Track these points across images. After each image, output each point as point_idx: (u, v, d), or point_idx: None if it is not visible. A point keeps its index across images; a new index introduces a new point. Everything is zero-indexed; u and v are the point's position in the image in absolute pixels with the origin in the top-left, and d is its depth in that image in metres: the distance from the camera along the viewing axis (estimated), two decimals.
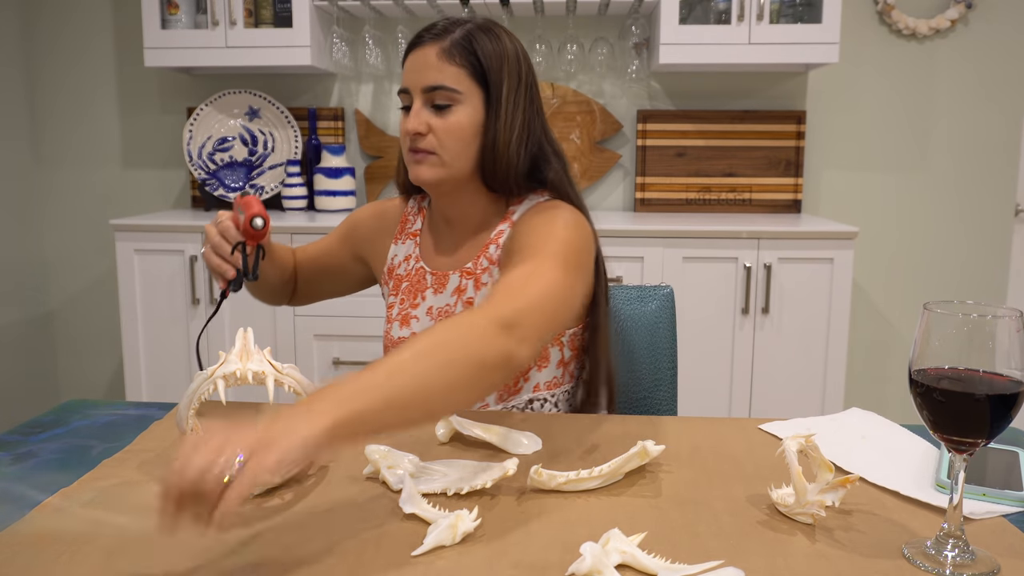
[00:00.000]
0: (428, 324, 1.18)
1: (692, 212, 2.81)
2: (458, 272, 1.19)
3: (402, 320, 1.21)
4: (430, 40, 1.12)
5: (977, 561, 0.71)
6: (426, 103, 1.12)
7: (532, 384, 1.18)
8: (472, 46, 1.11)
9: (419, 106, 1.13)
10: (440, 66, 1.11)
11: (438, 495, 0.84)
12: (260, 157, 2.86)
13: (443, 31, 1.13)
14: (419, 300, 1.21)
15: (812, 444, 0.79)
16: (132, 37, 2.93)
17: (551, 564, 0.71)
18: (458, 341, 0.83)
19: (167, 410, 1.11)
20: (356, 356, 2.49)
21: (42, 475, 0.90)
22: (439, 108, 1.12)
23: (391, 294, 1.26)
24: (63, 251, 3.06)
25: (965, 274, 2.85)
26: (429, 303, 1.20)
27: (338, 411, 0.71)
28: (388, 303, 1.25)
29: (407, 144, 1.14)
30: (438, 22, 1.15)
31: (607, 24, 2.79)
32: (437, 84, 1.11)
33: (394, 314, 1.23)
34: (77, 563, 0.70)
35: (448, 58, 1.11)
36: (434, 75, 1.11)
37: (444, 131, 1.12)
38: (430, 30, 1.14)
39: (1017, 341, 0.68)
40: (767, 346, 2.40)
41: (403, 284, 1.24)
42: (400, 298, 1.23)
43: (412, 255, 1.26)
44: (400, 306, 1.23)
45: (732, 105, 2.82)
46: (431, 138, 1.12)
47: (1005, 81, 2.76)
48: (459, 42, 1.11)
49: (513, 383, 1.16)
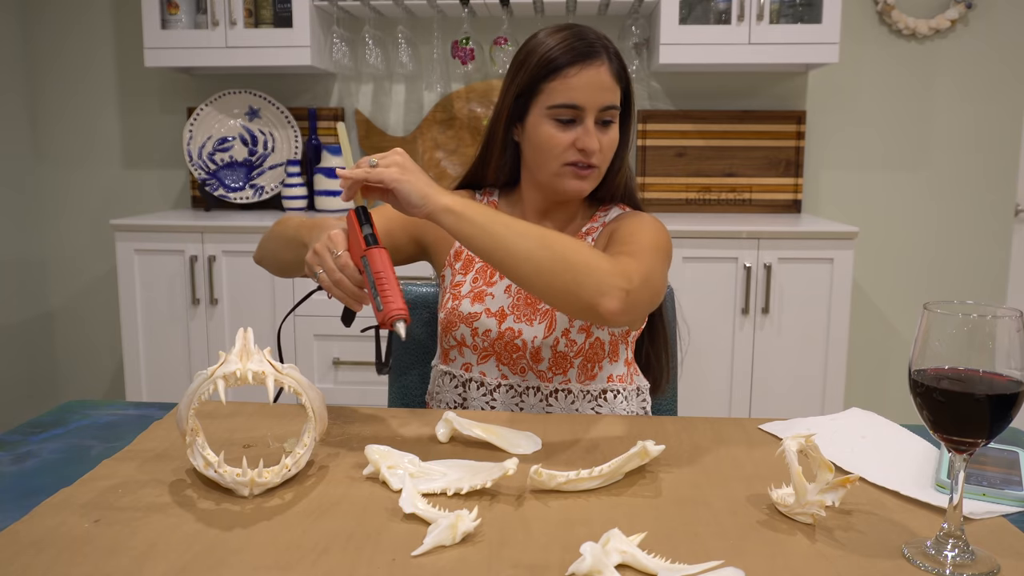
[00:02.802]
0: (505, 300, 1.23)
1: (692, 212, 2.81)
2: None
3: (475, 296, 1.24)
4: (598, 57, 1.16)
5: (977, 561, 0.71)
6: (595, 120, 1.17)
7: (606, 374, 1.24)
8: (623, 66, 1.19)
9: (591, 124, 1.17)
10: (613, 87, 1.17)
11: (438, 495, 0.84)
12: (260, 157, 2.86)
13: (600, 46, 1.17)
14: (496, 278, 1.25)
15: (812, 444, 0.79)
16: (132, 37, 2.93)
17: (551, 564, 0.71)
18: (585, 251, 1.00)
19: (167, 410, 1.11)
20: (356, 356, 2.49)
21: (42, 475, 0.90)
22: (601, 124, 1.18)
23: (458, 274, 1.28)
24: (63, 251, 3.06)
25: (965, 274, 2.85)
26: (508, 281, 1.24)
27: (455, 203, 0.99)
28: (455, 282, 1.27)
29: (568, 158, 1.18)
30: (568, 37, 1.17)
31: (607, 24, 2.78)
32: (612, 104, 1.18)
33: (463, 291, 1.25)
34: (77, 563, 0.70)
35: (617, 79, 1.18)
36: (610, 96, 1.17)
37: (608, 147, 1.19)
38: (575, 46, 1.16)
39: (1017, 341, 0.68)
40: (767, 346, 2.40)
41: (476, 264, 1.27)
42: (473, 276, 1.26)
43: None
44: (472, 284, 1.26)
45: (732, 105, 2.82)
46: (598, 154, 1.18)
47: (1005, 81, 2.76)
48: (616, 61, 1.18)
49: (590, 368, 1.22)
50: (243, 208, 2.86)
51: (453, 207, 0.99)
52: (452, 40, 2.72)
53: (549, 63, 1.16)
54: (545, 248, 0.99)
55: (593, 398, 1.23)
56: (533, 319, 1.21)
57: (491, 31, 2.79)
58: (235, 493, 0.84)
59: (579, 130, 1.16)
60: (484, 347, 1.22)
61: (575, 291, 0.98)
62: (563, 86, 1.15)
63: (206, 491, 0.85)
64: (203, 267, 2.48)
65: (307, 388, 0.89)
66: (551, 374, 1.21)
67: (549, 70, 1.16)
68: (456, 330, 1.23)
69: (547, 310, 1.21)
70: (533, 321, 1.21)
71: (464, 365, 1.24)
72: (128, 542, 0.74)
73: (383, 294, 0.97)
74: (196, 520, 0.78)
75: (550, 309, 1.21)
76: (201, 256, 2.47)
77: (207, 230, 2.46)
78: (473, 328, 1.22)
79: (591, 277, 0.98)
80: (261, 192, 2.84)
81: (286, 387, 0.87)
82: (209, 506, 0.81)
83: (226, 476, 0.83)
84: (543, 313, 1.21)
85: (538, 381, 1.21)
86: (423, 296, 1.45)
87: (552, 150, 1.18)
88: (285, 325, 2.49)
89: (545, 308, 1.21)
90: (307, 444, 0.88)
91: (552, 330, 1.20)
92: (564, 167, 1.18)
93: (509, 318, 1.22)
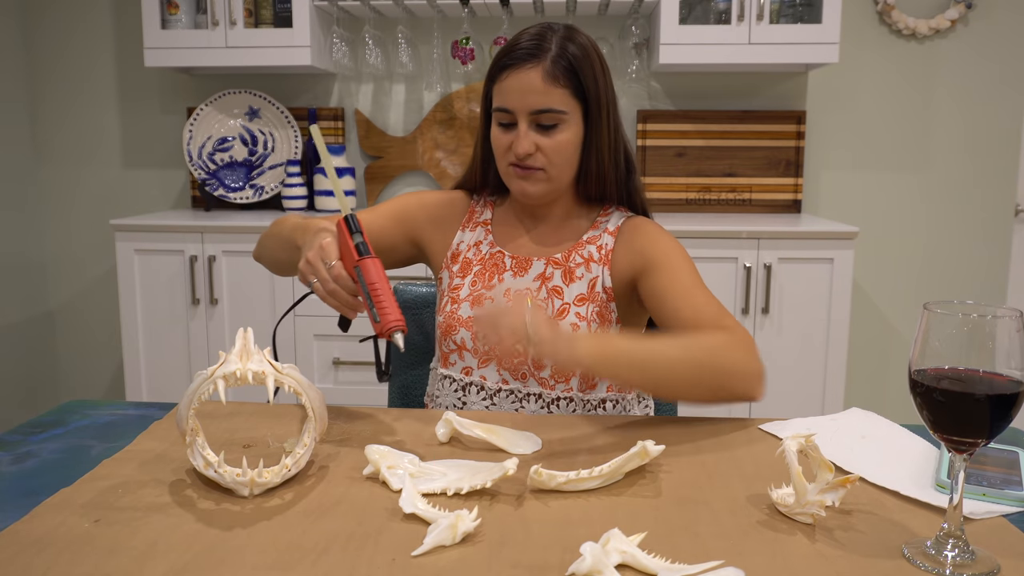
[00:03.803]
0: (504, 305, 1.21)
1: (692, 212, 2.81)
2: (543, 259, 1.24)
3: (474, 300, 1.23)
4: (529, 60, 1.14)
5: (977, 561, 0.71)
6: (531, 123, 1.16)
7: (606, 384, 1.23)
8: (572, 65, 1.15)
9: (525, 128, 1.16)
10: (546, 89, 1.14)
11: (438, 495, 0.84)
12: (260, 157, 2.86)
13: (538, 48, 1.15)
14: (495, 282, 1.24)
15: (812, 444, 0.79)
16: (132, 37, 2.93)
17: (551, 564, 0.71)
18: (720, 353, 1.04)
19: (167, 410, 1.11)
20: (356, 356, 2.49)
21: (42, 475, 0.90)
22: (544, 127, 1.16)
23: (456, 277, 1.27)
24: (63, 251, 3.06)
25: (965, 274, 2.85)
26: (507, 285, 1.23)
27: (600, 352, 1.00)
28: (453, 285, 1.26)
29: (509, 159, 1.18)
30: (523, 36, 1.17)
31: (607, 24, 2.78)
32: (545, 108, 1.15)
33: (462, 295, 1.24)
34: (77, 563, 0.70)
35: (553, 81, 1.14)
36: (541, 99, 1.14)
37: (552, 150, 1.17)
38: (519, 46, 1.16)
39: (1017, 341, 0.68)
40: (767, 346, 2.39)
41: (474, 267, 1.26)
42: (471, 280, 1.26)
43: (484, 241, 1.28)
44: (471, 287, 1.25)
45: (732, 105, 2.82)
46: (539, 156, 1.17)
47: (1005, 81, 2.76)
48: (559, 61, 1.14)
49: (591, 377, 1.22)
50: (243, 208, 2.86)
51: (596, 355, 0.99)
52: (452, 40, 2.72)
53: (492, 66, 1.19)
54: (693, 367, 1.03)
55: (594, 407, 1.22)
56: None
57: (491, 31, 2.79)
58: (235, 493, 0.84)
59: (514, 133, 1.17)
60: (484, 352, 1.22)
61: (728, 393, 1.04)
62: (498, 89, 1.18)
63: (206, 491, 0.85)
64: (203, 267, 2.48)
65: (307, 388, 0.89)
66: (553, 382, 1.20)
67: (491, 73, 1.19)
68: (456, 334, 1.23)
69: (548, 317, 1.20)
70: None
71: (464, 369, 1.24)
72: (128, 542, 0.74)
73: (379, 305, 0.99)
74: (196, 520, 0.78)
75: (551, 317, 1.20)
76: (201, 256, 2.47)
77: (207, 230, 2.46)
78: (473, 332, 1.21)
79: (738, 377, 1.04)
80: (261, 192, 2.84)
81: (286, 387, 0.87)
82: (209, 506, 0.81)
83: (226, 476, 0.83)
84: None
85: (540, 388, 1.21)
86: (422, 296, 1.45)
87: (497, 151, 1.20)
88: (285, 325, 2.49)
89: (548, 315, 1.21)
90: (307, 444, 0.88)
91: None
92: (509, 168, 1.19)
93: None
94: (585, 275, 1.22)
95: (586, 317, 1.20)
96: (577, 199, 1.27)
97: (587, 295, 1.21)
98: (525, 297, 1.20)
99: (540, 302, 1.21)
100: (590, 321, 1.20)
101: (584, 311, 1.20)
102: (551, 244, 1.26)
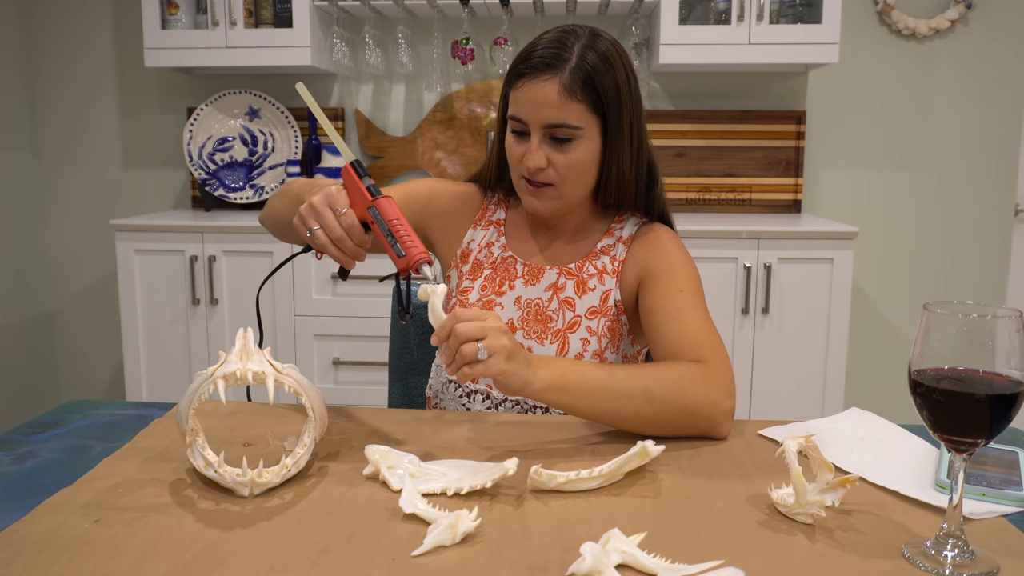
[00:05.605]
0: (515, 312, 1.19)
1: (692, 212, 2.81)
2: (556, 269, 1.21)
3: (483, 306, 1.20)
4: (546, 70, 1.08)
5: (977, 561, 0.71)
6: (545, 136, 1.11)
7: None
8: (591, 79, 1.08)
9: (537, 142, 1.11)
10: (562, 103, 1.08)
11: (438, 495, 0.84)
12: (260, 157, 2.86)
13: (556, 57, 1.08)
14: (506, 288, 1.21)
15: (812, 444, 0.79)
16: (132, 37, 2.93)
17: (551, 564, 0.71)
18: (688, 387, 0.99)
19: (167, 410, 1.11)
20: (356, 356, 2.49)
21: (42, 475, 0.90)
22: (558, 141, 1.10)
23: (465, 279, 1.24)
24: (63, 251, 3.06)
25: (965, 274, 2.85)
26: (518, 293, 1.20)
27: (553, 378, 0.95)
28: (462, 287, 1.23)
29: (521, 172, 1.14)
30: (542, 41, 1.11)
31: (607, 24, 2.78)
32: (559, 123, 1.09)
33: (471, 299, 1.21)
34: (77, 563, 0.70)
35: (569, 94, 1.08)
36: (555, 113, 1.08)
37: (565, 166, 1.11)
38: (537, 53, 1.09)
39: (1017, 341, 0.68)
40: (767, 346, 2.40)
41: (485, 270, 1.23)
42: (482, 284, 1.22)
43: (495, 243, 1.25)
44: (481, 292, 1.22)
45: (732, 105, 2.82)
46: (550, 172, 1.12)
47: (1005, 81, 2.76)
48: (578, 73, 1.07)
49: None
50: (243, 208, 2.86)
51: (554, 383, 0.95)
52: (452, 40, 2.72)
53: (511, 71, 1.13)
54: (651, 403, 0.98)
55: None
56: (544, 338, 1.18)
57: (491, 31, 2.79)
58: (235, 493, 0.84)
59: (527, 144, 1.12)
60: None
61: (690, 430, 1.00)
62: (514, 97, 1.12)
63: (206, 491, 0.85)
64: (203, 267, 2.48)
65: (307, 388, 0.89)
66: None
67: (509, 79, 1.14)
68: None
69: (559, 329, 1.18)
70: (544, 340, 1.18)
71: None
72: (128, 542, 0.74)
73: (402, 240, 0.96)
74: (196, 520, 0.78)
75: (562, 329, 1.18)
76: (201, 256, 2.47)
77: (207, 230, 2.46)
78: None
79: (700, 415, 0.99)
80: (261, 192, 2.84)
81: (286, 387, 0.87)
82: (209, 506, 0.81)
83: (226, 476, 0.83)
84: (555, 333, 1.18)
85: None
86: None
87: (511, 160, 1.16)
88: (285, 326, 2.49)
89: (557, 327, 1.18)
90: (307, 444, 0.88)
91: (564, 353, 1.17)
92: (521, 180, 1.15)
93: (519, 332, 1.19)
94: (598, 287, 1.19)
95: (596, 331, 1.17)
96: (594, 208, 1.24)
97: (599, 308, 1.18)
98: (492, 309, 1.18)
99: (551, 313, 1.17)
100: (600, 335, 1.17)
101: (595, 325, 1.18)
102: (565, 253, 1.23)
